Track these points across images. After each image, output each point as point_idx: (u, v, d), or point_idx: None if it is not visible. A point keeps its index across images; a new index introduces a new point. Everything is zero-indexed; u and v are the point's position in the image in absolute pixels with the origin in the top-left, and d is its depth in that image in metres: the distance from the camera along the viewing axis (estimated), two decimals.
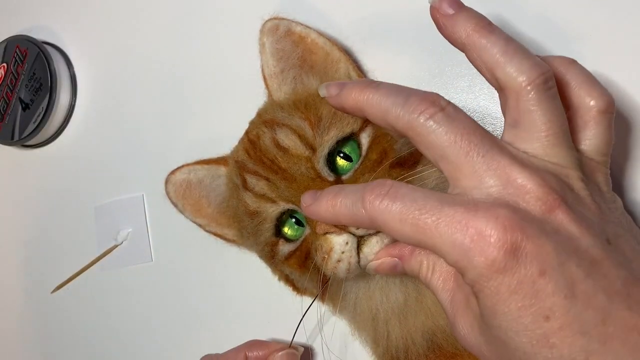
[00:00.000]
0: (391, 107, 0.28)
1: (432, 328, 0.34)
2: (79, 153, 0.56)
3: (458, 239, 0.24)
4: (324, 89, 0.32)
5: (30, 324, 0.57)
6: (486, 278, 0.24)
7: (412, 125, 0.27)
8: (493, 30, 0.27)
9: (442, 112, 0.26)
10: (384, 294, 0.35)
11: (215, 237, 0.45)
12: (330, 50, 0.40)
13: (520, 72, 0.26)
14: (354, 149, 0.35)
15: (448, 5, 0.28)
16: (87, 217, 0.54)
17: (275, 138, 0.35)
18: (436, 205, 0.25)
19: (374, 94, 0.29)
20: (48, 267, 0.57)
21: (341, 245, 0.32)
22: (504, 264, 0.23)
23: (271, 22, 0.39)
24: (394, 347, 0.35)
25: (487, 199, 0.25)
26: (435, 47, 0.41)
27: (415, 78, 0.41)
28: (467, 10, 0.28)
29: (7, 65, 0.56)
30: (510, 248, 0.23)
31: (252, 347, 0.42)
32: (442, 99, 0.27)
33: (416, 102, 0.27)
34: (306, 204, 0.31)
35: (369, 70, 0.42)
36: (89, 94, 0.56)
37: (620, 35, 0.36)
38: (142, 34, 0.53)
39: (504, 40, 0.27)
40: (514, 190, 0.25)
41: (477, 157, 0.25)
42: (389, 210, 0.26)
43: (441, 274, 0.29)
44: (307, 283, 0.38)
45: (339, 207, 0.29)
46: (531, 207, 0.25)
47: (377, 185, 0.27)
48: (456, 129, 0.26)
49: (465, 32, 0.27)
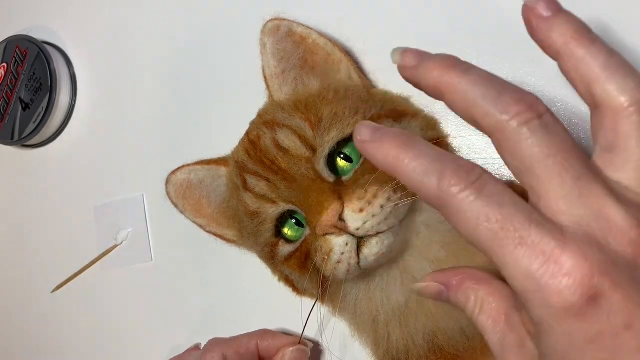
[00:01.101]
0: (480, 100, 0.24)
1: (433, 330, 0.34)
2: (79, 153, 0.56)
3: (535, 270, 0.21)
4: (399, 56, 0.28)
5: (30, 324, 0.57)
6: (560, 320, 0.21)
7: (502, 128, 0.24)
8: (594, 40, 0.24)
9: (539, 120, 0.23)
10: (384, 296, 0.35)
11: (215, 238, 0.45)
12: (331, 51, 0.40)
13: (622, 91, 0.23)
14: (355, 149, 0.35)
15: (545, 6, 0.25)
16: (87, 217, 0.54)
17: (276, 139, 0.35)
18: (524, 221, 0.22)
19: (461, 79, 0.25)
20: (48, 267, 0.57)
21: (341, 247, 0.32)
22: (585, 310, 0.21)
23: (272, 22, 0.39)
24: (395, 348, 0.35)
25: (576, 230, 0.22)
26: (436, 47, 0.41)
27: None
28: (566, 14, 0.25)
29: (7, 65, 0.56)
30: (595, 294, 0.21)
31: (264, 336, 0.41)
32: (541, 103, 0.24)
33: (511, 102, 0.23)
34: (362, 138, 0.26)
35: (370, 71, 0.42)
36: (89, 94, 0.56)
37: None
38: (142, 34, 0.53)
39: (606, 53, 0.24)
40: (605, 226, 0.22)
41: (570, 180, 0.22)
42: (468, 204, 0.23)
43: (491, 313, 0.26)
44: (306, 284, 0.38)
45: (405, 167, 0.24)
46: (622, 248, 0.22)
47: (462, 168, 0.23)
48: (552, 142, 0.23)
49: (562, 38, 0.24)
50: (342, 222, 0.32)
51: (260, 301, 0.46)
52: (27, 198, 0.59)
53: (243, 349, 0.40)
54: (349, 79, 0.40)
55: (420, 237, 0.34)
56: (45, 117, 0.54)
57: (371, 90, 0.40)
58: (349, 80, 0.40)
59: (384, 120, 0.36)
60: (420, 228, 0.34)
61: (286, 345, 0.40)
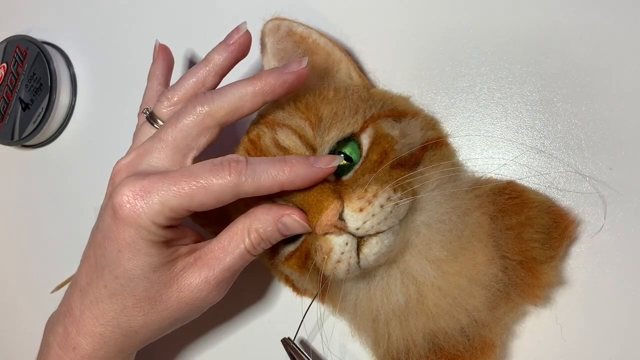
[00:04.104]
0: None
1: (433, 329, 0.34)
2: (79, 153, 0.56)
3: None
4: None
5: (31, 324, 0.57)
6: None
7: None
8: None
9: None
10: (384, 295, 0.35)
11: None
12: (331, 51, 0.40)
13: None
14: (355, 149, 0.35)
15: None
16: (87, 217, 0.54)
17: (276, 138, 0.35)
18: None
19: None
20: (48, 267, 0.57)
21: (341, 246, 0.32)
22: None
23: (272, 22, 0.39)
24: (395, 348, 0.35)
25: None
26: (436, 47, 0.41)
27: (415, 78, 0.41)
28: None
29: (7, 65, 0.56)
30: None
31: None
32: None
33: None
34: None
35: (370, 70, 0.42)
36: (89, 94, 0.56)
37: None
38: (142, 35, 0.53)
39: None
40: None
41: None
42: None
43: None
44: (307, 284, 0.38)
45: None
46: None
47: None
48: None
49: None
50: (342, 221, 0.32)
51: (260, 301, 0.46)
52: (27, 198, 0.59)
53: None
54: (349, 79, 0.40)
55: (420, 236, 0.34)
56: (45, 117, 0.54)
57: (371, 89, 0.40)
58: (349, 79, 0.40)
59: (384, 120, 0.36)
60: (420, 228, 0.34)
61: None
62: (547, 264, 0.35)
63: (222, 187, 0.32)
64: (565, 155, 0.37)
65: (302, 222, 0.33)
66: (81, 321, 0.35)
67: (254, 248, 0.35)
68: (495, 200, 0.35)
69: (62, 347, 0.36)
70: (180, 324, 0.37)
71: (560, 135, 0.37)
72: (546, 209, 0.36)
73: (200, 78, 0.37)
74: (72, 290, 0.37)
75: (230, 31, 0.38)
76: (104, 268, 0.35)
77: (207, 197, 0.32)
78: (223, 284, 0.35)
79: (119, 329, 0.35)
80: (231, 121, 0.35)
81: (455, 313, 0.34)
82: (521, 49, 0.39)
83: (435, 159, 0.37)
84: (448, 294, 0.33)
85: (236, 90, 0.35)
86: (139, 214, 0.32)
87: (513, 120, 0.39)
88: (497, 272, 0.34)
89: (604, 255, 0.36)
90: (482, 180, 0.37)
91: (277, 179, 0.32)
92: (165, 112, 0.38)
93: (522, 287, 0.35)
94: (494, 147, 0.39)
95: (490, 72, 0.39)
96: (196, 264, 0.35)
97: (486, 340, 0.35)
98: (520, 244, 0.35)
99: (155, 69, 0.43)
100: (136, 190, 0.33)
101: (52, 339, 0.37)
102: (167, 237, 0.34)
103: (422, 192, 0.34)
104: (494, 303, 0.34)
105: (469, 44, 0.40)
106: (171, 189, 0.32)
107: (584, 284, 0.36)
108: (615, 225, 0.36)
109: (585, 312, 0.36)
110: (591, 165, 0.36)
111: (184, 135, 0.35)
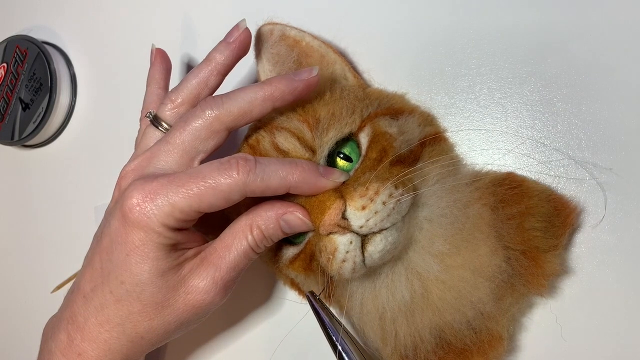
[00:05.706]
0: None
1: (439, 324, 0.34)
2: (79, 153, 0.56)
3: None
4: None
5: (31, 324, 0.57)
6: None
7: None
8: None
9: None
10: (389, 292, 0.34)
11: None
12: (325, 53, 0.40)
13: None
14: (354, 149, 0.35)
15: None
16: (87, 217, 0.54)
17: (275, 141, 0.35)
18: None
19: None
20: (48, 267, 0.57)
21: (345, 245, 0.32)
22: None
23: (265, 27, 0.39)
24: (403, 345, 0.35)
25: None
26: (435, 47, 0.41)
27: (415, 78, 0.41)
28: None
29: (7, 65, 0.56)
30: None
31: None
32: None
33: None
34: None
35: (365, 70, 0.42)
36: (89, 94, 0.56)
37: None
38: (142, 35, 0.53)
39: None
40: None
41: None
42: None
43: None
44: (313, 286, 0.37)
45: None
46: None
47: None
48: None
49: None
50: (345, 220, 0.32)
51: (260, 301, 0.46)
52: (27, 198, 0.59)
53: None
54: (345, 79, 0.40)
55: (423, 232, 0.34)
56: (45, 117, 0.54)
57: (367, 89, 0.40)
58: (344, 80, 0.40)
59: (381, 118, 0.36)
60: (423, 223, 0.34)
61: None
62: (550, 252, 0.35)
63: (230, 186, 0.32)
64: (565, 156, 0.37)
65: (305, 219, 0.33)
66: (86, 327, 0.35)
67: (256, 245, 0.34)
68: (496, 191, 0.35)
69: (66, 354, 0.35)
70: (186, 328, 0.37)
71: (560, 135, 0.37)
72: (546, 198, 0.35)
73: (202, 78, 0.37)
74: (75, 296, 0.36)
75: (230, 29, 0.37)
76: (110, 273, 0.34)
77: (216, 197, 0.32)
78: (229, 284, 0.35)
79: (124, 335, 0.35)
80: (239, 125, 0.35)
81: (461, 306, 0.33)
82: (521, 49, 0.39)
83: (434, 154, 0.37)
84: (452, 287, 0.33)
85: (246, 94, 0.35)
86: (149, 216, 0.32)
87: (513, 120, 0.38)
88: (500, 262, 0.33)
89: (602, 257, 0.36)
90: (482, 173, 0.37)
91: (286, 180, 0.32)
92: (169, 114, 0.37)
93: (526, 276, 0.34)
94: (492, 143, 0.39)
95: (490, 72, 0.39)
96: (202, 264, 0.35)
97: (493, 333, 0.35)
98: (522, 233, 0.34)
99: (154, 73, 0.43)
100: (145, 193, 0.32)
101: (54, 346, 0.36)
102: (176, 240, 0.34)
103: (423, 187, 0.34)
104: (499, 294, 0.34)
105: (469, 44, 0.40)
106: (180, 190, 0.32)
107: (584, 276, 0.36)
108: (615, 225, 0.36)
109: (586, 312, 0.36)
110: (591, 165, 0.36)
111: (193, 138, 0.34)
